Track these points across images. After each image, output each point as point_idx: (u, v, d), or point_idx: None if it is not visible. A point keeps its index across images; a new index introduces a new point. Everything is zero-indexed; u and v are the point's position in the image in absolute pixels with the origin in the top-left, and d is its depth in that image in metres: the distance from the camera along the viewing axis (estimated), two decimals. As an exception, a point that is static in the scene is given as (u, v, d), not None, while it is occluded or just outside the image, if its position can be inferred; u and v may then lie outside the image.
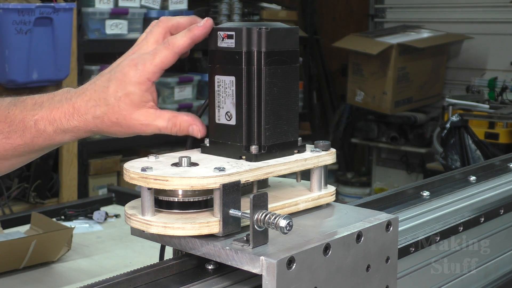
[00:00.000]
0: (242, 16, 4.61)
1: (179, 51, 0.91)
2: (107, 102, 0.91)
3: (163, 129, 0.92)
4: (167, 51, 0.90)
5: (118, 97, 0.91)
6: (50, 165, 3.37)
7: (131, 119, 0.91)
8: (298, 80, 0.93)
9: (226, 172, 0.82)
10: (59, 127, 0.95)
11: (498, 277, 1.25)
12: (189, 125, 0.92)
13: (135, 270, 0.83)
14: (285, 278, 0.75)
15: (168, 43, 0.90)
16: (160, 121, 0.92)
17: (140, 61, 0.91)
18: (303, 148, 0.94)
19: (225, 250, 0.79)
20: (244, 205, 0.81)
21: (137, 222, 0.83)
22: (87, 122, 0.93)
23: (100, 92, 0.92)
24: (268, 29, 0.87)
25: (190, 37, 0.90)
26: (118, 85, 0.91)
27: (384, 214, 0.90)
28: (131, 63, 0.91)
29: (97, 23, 3.72)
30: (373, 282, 0.87)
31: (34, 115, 0.96)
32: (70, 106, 0.94)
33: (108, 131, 0.94)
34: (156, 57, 0.90)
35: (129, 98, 0.90)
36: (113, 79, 0.91)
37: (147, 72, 0.90)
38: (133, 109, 0.91)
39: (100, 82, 0.93)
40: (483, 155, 3.67)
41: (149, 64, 0.90)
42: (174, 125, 0.92)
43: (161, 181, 0.80)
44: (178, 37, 0.91)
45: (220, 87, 0.90)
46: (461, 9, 4.98)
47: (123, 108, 0.91)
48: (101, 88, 0.92)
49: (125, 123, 0.92)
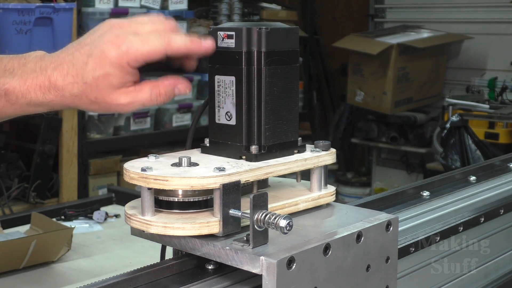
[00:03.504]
0: (242, 16, 4.60)
1: (172, 51, 0.85)
2: (84, 80, 0.85)
3: (148, 102, 0.86)
4: (160, 44, 0.84)
5: (96, 76, 0.84)
6: (50, 165, 3.37)
7: (110, 99, 0.85)
8: (298, 80, 0.93)
9: (226, 172, 0.82)
10: (33, 100, 0.88)
11: (498, 277, 1.25)
12: (174, 87, 0.87)
13: (135, 270, 0.83)
14: (285, 278, 0.75)
15: (165, 37, 0.84)
16: (142, 95, 0.86)
17: (126, 42, 0.84)
18: (303, 148, 0.94)
19: (225, 250, 0.79)
20: (244, 205, 0.81)
21: (137, 222, 0.83)
22: (64, 98, 0.87)
23: (79, 68, 0.85)
24: (268, 29, 0.87)
25: (188, 46, 0.85)
26: (97, 63, 0.84)
27: (384, 214, 0.90)
28: (114, 41, 0.84)
29: (97, 23, 3.67)
30: (373, 282, 0.87)
31: (4, 83, 0.87)
32: (46, 78, 0.87)
33: (86, 108, 0.89)
34: (146, 45, 0.84)
35: (108, 79, 0.84)
36: (93, 56, 0.85)
37: (129, 56, 0.83)
38: (112, 89, 0.85)
39: (79, 54, 0.86)
40: (483, 155, 3.67)
41: (134, 49, 0.83)
42: (159, 94, 0.86)
43: (161, 181, 0.80)
44: (177, 37, 0.85)
45: (220, 87, 0.90)
46: (461, 9, 4.98)
47: (102, 88, 0.85)
48: (79, 63, 0.85)
49: (104, 102, 0.86)
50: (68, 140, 3.50)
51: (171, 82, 0.88)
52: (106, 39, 0.85)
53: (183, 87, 0.88)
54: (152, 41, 0.84)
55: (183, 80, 0.88)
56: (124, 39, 0.84)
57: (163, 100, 0.87)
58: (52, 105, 0.89)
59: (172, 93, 0.88)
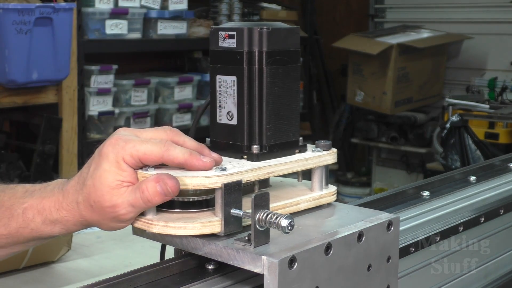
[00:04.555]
0: (242, 16, 4.61)
1: (169, 158, 0.82)
2: (85, 183, 0.83)
3: (134, 201, 0.81)
4: (159, 148, 0.82)
5: (93, 175, 0.82)
6: (50, 165, 3.37)
7: (104, 200, 0.81)
8: (299, 80, 0.93)
9: (227, 171, 0.82)
10: (48, 217, 0.86)
11: (498, 277, 1.25)
12: (155, 184, 0.80)
13: (135, 270, 0.83)
14: (286, 277, 0.75)
15: (164, 144, 0.82)
16: (128, 194, 0.81)
17: (125, 139, 0.82)
18: (304, 147, 0.94)
19: (226, 250, 0.79)
20: (245, 204, 0.81)
21: (139, 222, 0.83)
22: (74, 210, 0.85)
23: (84, 173, 0.84)
24: (270, 29, 0.87)
25: (186, 158, 0.82)
26: (96, 163, 0.83)
27: (385, 214, 0.90)
28: (114, 141, 0.83)
29: (97, 23, 3.72)
30: (374, 281, 0.87)
31: (23, 203, 0.87)
32: (61, 194, 0.86)
33: (91, 221, 0.84)
34: (144, 145, 0.81)
35: (104, 177, 0.81)
36: (95, 158, 0.84)
37: (125, 152, 0.81)
38: (108, 188, 0.81)
39: (87, 163, 0.85)
40: (483, 155, 3.67)
41: (131, 145, 0.81)
42: (142, 190, 0.80)
43: (163, 181, 0.80)
44: (177, 149, 0.83)
45: (222, 87, 0.90)
46: (461, 9, 4.99)
47: (98, 188, 0.81)
48: (85, 169, 0.85)
49: (98, 207, 0.82)
50: (68, 140, 3.50)
51: (154, 178, 0.81)
52: (107, 142, 0.84)
53: (164, 187, 0.80)
54: (150, 143, 0.82)
55: (167, 177, 0.81)
56: (124, 138, 0.83)
57: (147, 199, 0.81)
58: (65, 222, 0.86)
59: (155, 190, 0.80)
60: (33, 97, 3.37)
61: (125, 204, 0.81)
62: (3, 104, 3.28)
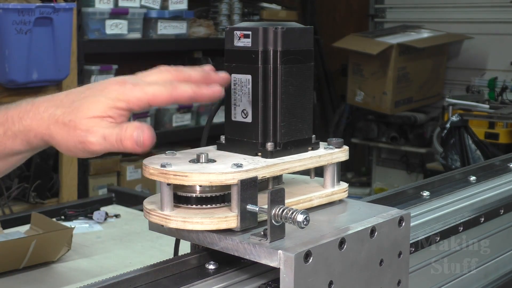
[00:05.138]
0: (242, 16, 4.61)
1: (178, 97, 0.84)
2: (73, 103, 0.83)
3: (108, 135, 0.81)
4: (165, 89, 0.83)
5: (84, 100, 0.83)
6: (50, 165, 3.38)
7: (80, 123, 0.82)
8: (312, 79, 0.94)
9: (243, 168, 0.83)
10: (10, 128, 0.87)
11: (498, 277, 1.25)
12: (134, 129, 0.81)
13: (135, 270, 0.83)
14: (302, 271, 0.76)
15: (171, 83, 0.84)
16: (106, 127, 0.82)
17: (132, 82, 0.83)
18: (317, 145, 0.96)
19: (243, 244, 0.80)
20: (260, 200, 0.83)
21: (156, 217, 0.84)
22: (41, 120, 0.84)
23: (71, 94, 0.85)
24: (284, 29, 0.89)
25: (195, 92, 0.84)
26: (93, 92, 0.83)
27: (396, 210, 0.92)
28: (120, 81, 0.83)
29: (97, 23, 3.73)
30: (386, 276, 0.88)
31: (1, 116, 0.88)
32: (29, 104, 0.86)
33: (55, 137, 0.84)
34: (151, 87, 0.83)
35: (94, 103, 0.82)
36: (93, 87, 0.84)
37: (131, 93, 0.82)
38: (91, 113, 0.82)
39: (79, 88, 0.86)
40: (483, 155, 3.69)
41: (139, 88, 0.82)
42: (121, 128, 0.81)
43: (181, 177, 0.81)
44: (183, 85, 0.84)
45: (236, 85, 0.92)
46: (461, 9, 5.00)
47: (82, 110, 0.82)
48: (76, 92, 0.85)
49: (72, 126, 0.82)
50: (70, 139, 3.50)
51: (136, 124, 0.83)
52: (112, 81, 0.84)
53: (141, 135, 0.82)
54: (157, 84, 0.83)
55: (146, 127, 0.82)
56: (131, 81, 0.83)
57: (120, 137, 0.82)
58: (26, 132, 0.86)
59: (131, 134, 0.81)
60: (33, 97, 3.36)
61: (99, 133, 0.81)
62: (3, 104, 3.28)
